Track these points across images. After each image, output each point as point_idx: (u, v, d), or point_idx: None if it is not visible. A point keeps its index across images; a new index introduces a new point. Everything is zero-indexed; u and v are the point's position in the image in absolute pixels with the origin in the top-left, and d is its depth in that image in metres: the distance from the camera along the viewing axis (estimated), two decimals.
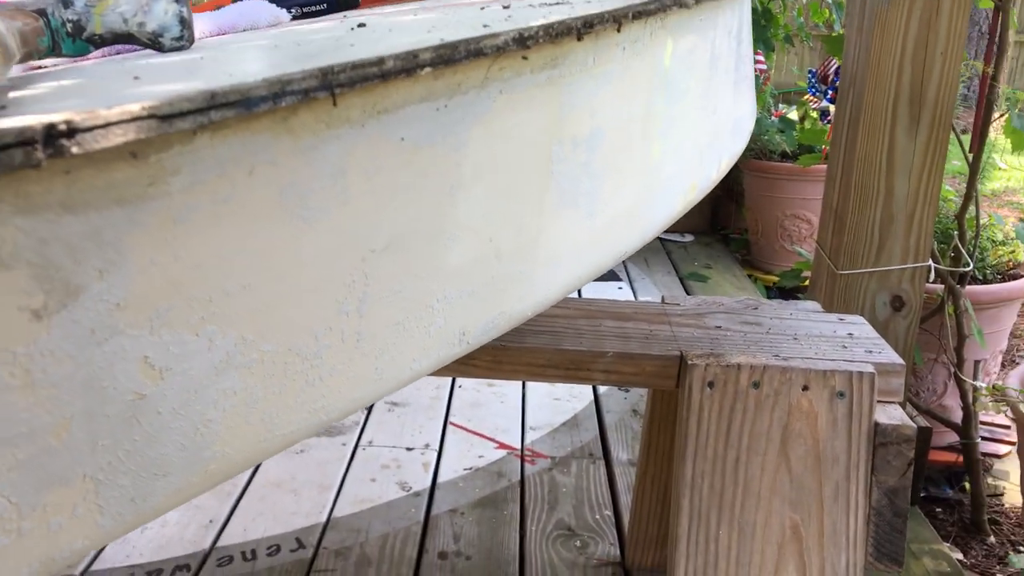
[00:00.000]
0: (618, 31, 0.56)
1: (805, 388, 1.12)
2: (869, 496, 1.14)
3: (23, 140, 0.27)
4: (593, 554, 1.64)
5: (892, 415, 1.15)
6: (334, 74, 0.36)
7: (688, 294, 2.93)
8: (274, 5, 0.98)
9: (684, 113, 0.80)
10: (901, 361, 1.20)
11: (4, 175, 0.27)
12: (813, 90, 3.03)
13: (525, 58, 0.47)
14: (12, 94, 0.32)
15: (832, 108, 3.00)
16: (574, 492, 1.82)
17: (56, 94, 0.32)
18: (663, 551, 1.59)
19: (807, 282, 2.49)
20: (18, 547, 0.32)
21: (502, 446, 2.03)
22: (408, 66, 0.39)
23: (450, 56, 0.41)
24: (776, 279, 3.08)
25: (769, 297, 3.02)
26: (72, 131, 0.29)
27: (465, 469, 1.94)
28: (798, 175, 2.94)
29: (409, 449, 2.01)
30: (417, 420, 2.14)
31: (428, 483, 1.87)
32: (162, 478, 0.37)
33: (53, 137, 0.28)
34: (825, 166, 2.84)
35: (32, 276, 0.31)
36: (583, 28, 0.50)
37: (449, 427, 2.11)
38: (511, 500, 1.80)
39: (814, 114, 3.09)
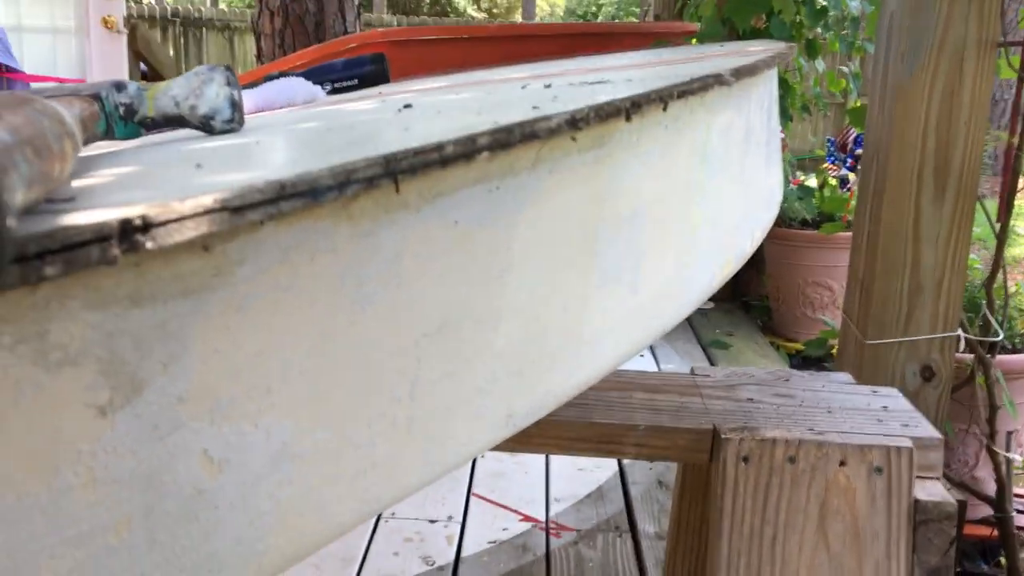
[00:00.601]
0: (664, 110, 0.56)
1: (842, 463, 1.09)
2: None
3: (99, 236, 0.27)
4: None
5: (932, 491, 1.12)
6: (397, 161, 0.36)
7: (710, 362, 2.90)
8: (309, 83, 1.00)
9: (721, 188, 0.80)
10: (939, 435, 1.17)
11: (77, 271, 0.27)
12: (832, 158, 3.05)
13: (574, 139, 0.47)
14: (76, 183, 0.32)
15: (851, 176, 3.01)
16: (600, 567, 1.79)
17: (121, 183, 0.32)
18: None
19: (833, 351, 2.47)
20: None
21: (526, 518, 2.00)
22: (467, 151, 0.39)
23: (506, 140, 0.41)
24: (799, 347, 3.06)
25: (792, 365, 2.99)
26: (147, 226, 0.29)
27: (489, 542, 1.90)
28: (819, 243, 2.94)
29: (432, 521, 1.98)
30: (440, 491, 2.11)
31: (452, 557, 1.84)
32: (216, 573, 0.36)
33: (128, 233, 0.28)
34: (846, 234, 2.84)
35: (99, 372, 0.30)
36: (631, 108, 0.51)
37: (472, 498, 2.08)
38: (536, 575, 1.76)
39: (833, 182, 3.10)
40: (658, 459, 1.20)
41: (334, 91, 1.28)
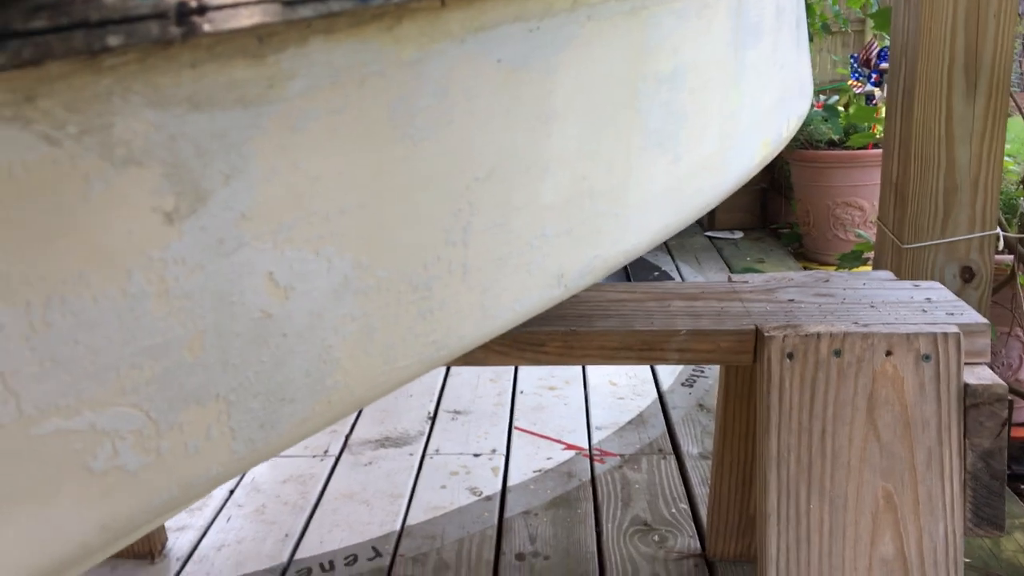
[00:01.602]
0: None
1: (889, 353, 1.09)
2: (964, 460, 1.11)
3: (158, 13, 0.27)
4: (673, 547, 1.61)
5: (981, 375, 1.11)
6: None
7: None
8: None
9: (756, 62, 0.79)
10: (985, 320, 1.16)
11: (136, 63, 0.27)
12: (856, 75, 2.99)
13: None
14: None
15: (876, 91, 2.96)
16: (647, 488, 1.79)
17: None
18: (745, 541, 1.56)
19: (868, 264, 2.44)
20: (159, 468, 0.31)
21: (569, 447, 2.01)
22: None
23: None
24: (831, 269, 3.03)
25: None
26: (203, 8, 0.28)
27: (534, 471, 1.92)
28: (847, 162, 2.90)
29: (476, 455, 1.99)
30: (481, 427, 2.13)
31: (499, 487, 1.86)
32: (288, 404, 0.36)
33: (185, 14, 0.28)
34: (874, 151, 2.80)
35: (164, 175, 0.30)
36: None
37: (514, 432, 2.10)
38: (584, 499, 1.78)
39: (858, 99, 3.05)
40: (701, 362, 1.19)
41: None
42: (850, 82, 2.97)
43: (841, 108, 3.10)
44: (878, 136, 2.75)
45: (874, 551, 1.11)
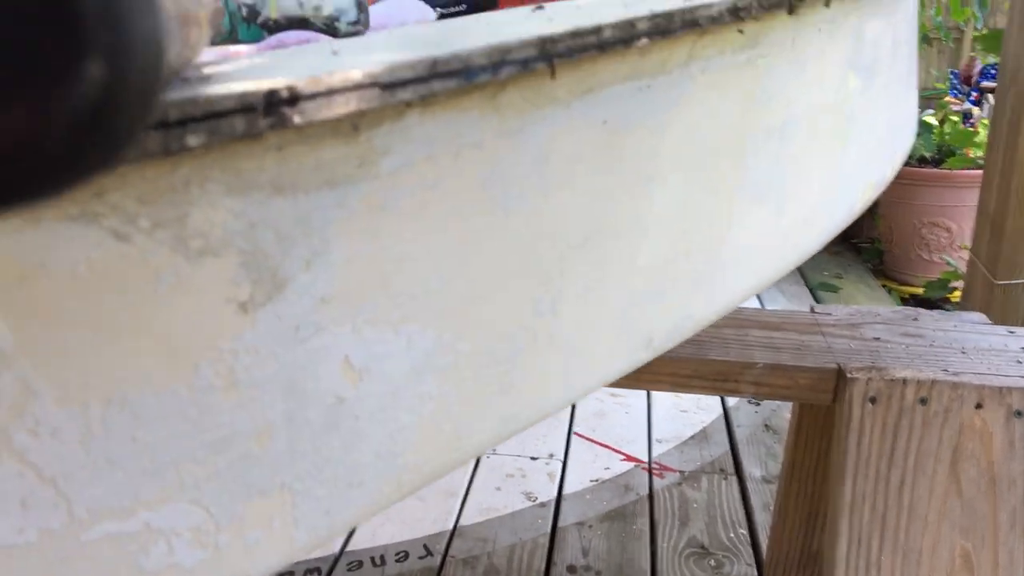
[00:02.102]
0: (826, 6, 0.50)
1: (978, 406, 1.03)
2: None
3: (245, 106, 0.24)
4: (729, 574, 1.57)
5: None
6: (552, 43, 0.33)
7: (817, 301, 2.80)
8: (422, 3, 0.96)
9: (868, 104, 0.74)
10: None
11: (217, 150, 0.25)
12: (955, 92, 2.87)
13: (741, 31, 0.42)
14: (209, 70, 0.30)
15: (975, 110, 2.84)
16: (706, 508, 1.75)
17: (256, 67, 0.29)
18: (803, 573, 1.51)
19: (954, 294, 2.35)
20: (215, 563, 0.29)
21: (629, 458, 1.97)
22: (625, 36, 0.35)
23: (666, 26, 0.37)
24: (913, 290, 2.92)
25: None
26: (294, 98, 0.26)
27: (591, 480, 1.89)
28: (938, 181, 2.79)
29: (534, 459, 1.97)
30: (540, 429, 2.10)
31: (554, 494, 1.83)
32: (356, 488, 0.34)
33: (274, 104, 0.25)
34: (968, 172, 2.68)
35: (241, 264, 0.28)
36: (795, 0, 0.45)
37: (573, 437, 2.07)
38: (640, 514, 1.74)
39: (955, 117, 2.92)
40: (777, 399, 1.15)
41: (442, 16, 1.24)
42: (947, 98, 2.85)
43: (936, 123, 2.98)
44: (974, 158, 2.63)
45: None
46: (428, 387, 0.36)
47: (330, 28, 0.52)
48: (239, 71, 0.27)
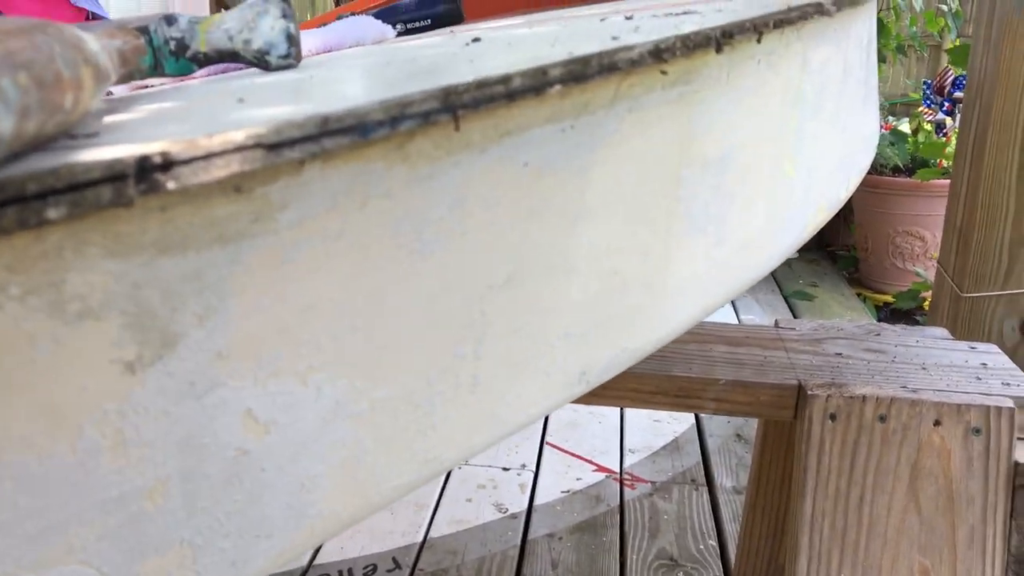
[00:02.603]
0: (758, 42, 0.50)
1: (937, 423, 1.03)
2: (1008, 542, 1.05)
3: (113, 175, 0.24)
4: None
5: None
6: (457, 94, 0.33)
7: (793, 313, 2.81)
8: (380, 21, 0.96)
9: (816, 131, 0.74)
10: None
11: (92, 215, 0.24)
12: (928, 102, 2.89)
13: (664, 72, 0.42)
14: (108, 119, 0.29)
15: (948, 121, 2.86)
16: (676, 520, 1.76)
17: (155, 119, 0.29)
18: None
19: (926, 303, 2.37)
20: None
21: (600, 468, 1.98)
22: (537, 84, 0.35)
23: (581, 72, 0.37)
24: (887, 298, 2.94)
25: (879, 318, 2.88)
26: (168, 164, 0.25)
27: (562, 492, 1.89)
28: (911, 190, 2.81)
29: (505, 469, 1.97)
30: (513, 439, 2.10)
31: (525, 505, 1.83)
32: (264, 539, 0.33)
33: (147, 171, 0.25)
34: (941, 181, 2.70)
35: (125, 326, 0.28)
36: (722, 39, 0.45)
37: (546, 447, 2.07)
38: (610, 526, 1.74)
39: (928, 127, 2.94)
40: (739, 415, 1.15)
41: (406, 32, 1.24)
42: (921, 108, 2.87)
43: (910, 133, 3.00)
44: (946, 168, 2.65)
45: None
46: (341, 435, 0.35)
47: (260, 61, 0.52)
48: (121, 131, 0.26)
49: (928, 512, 1.06)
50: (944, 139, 2.80)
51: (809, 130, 0.72)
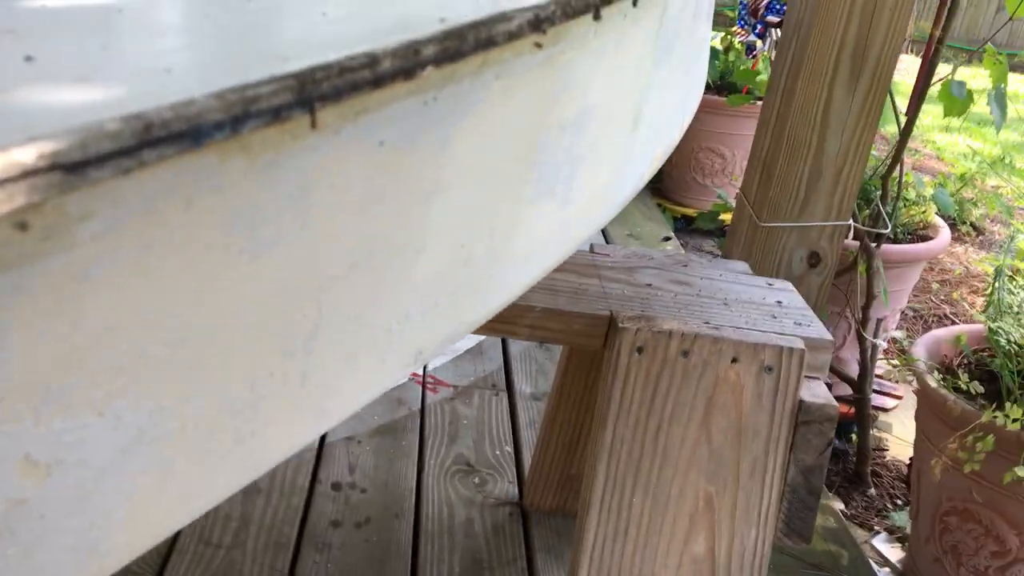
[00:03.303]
0: (635, 5, 0.46)
1: (734, 360, 1.08)
2: (785, 473, 1.13)
3: None
4: (491, 493, 1.61)
5: (817, 393, 1.12)
6: (315, 83, 0.26)
7: None
8: None
9: (665, 79, 0.72)
10: (830, 337, 1.17)
11: None
12: (742, 22, 2.95)
13: (539, 45, 0.38)
14: None
15: (759, 43, 2.94)
16: (475, 425, 1.78)
17: None
18: (563, 496, 1.57)
19: (726, 223, 2.48)
20: None
21: None
22: (407, 66, 0.29)
23: (457, 49, 0.31)
24: (686, 211, 3.06)
25: (676, 229, 3.00)
26: None
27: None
28: (716, 109, 2.89)
29: None
30: None
31: None
32: None
33: None
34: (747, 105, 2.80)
35: None
36: (602, 4, 0.41)
37: None
38: (410, 430, 1.74)
39: (739, 46, 3.02)
40: (552, 342, 1.15)
41: None
42: (734, 28, 2.94)
43: (721, 50, 3.07)
44: (752, 93, 2.74)
45: (687, 549, 1.13)
46: (143, 463, 0.30)
47: None
48: None
49: (718, 443, 1.11)
50: (752, 61, 2.89)
51: (658, 79, 0.69)
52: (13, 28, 0.28)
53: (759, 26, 2.92)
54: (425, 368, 1.94)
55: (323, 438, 1.68)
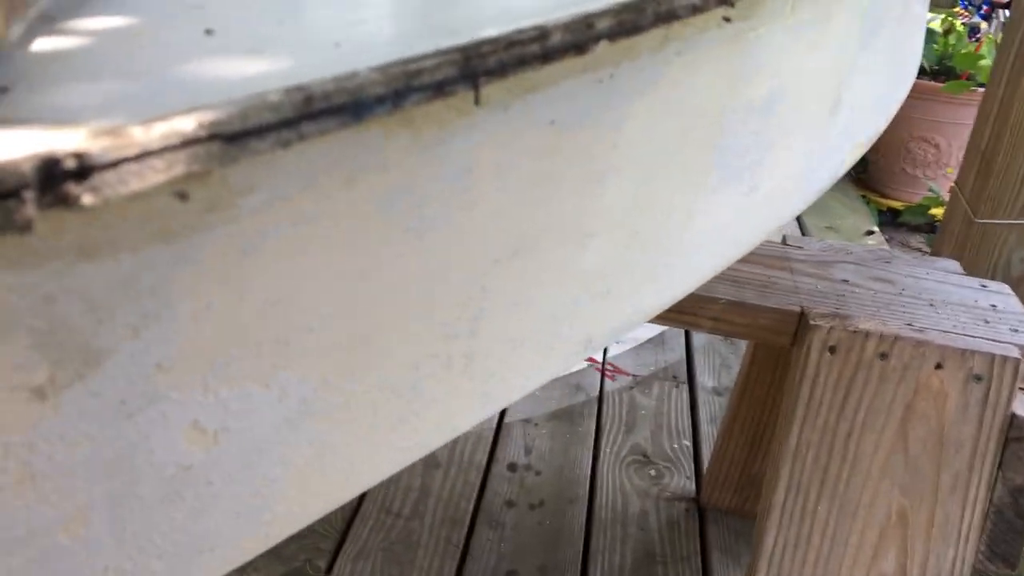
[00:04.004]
0: None
1: (938, 366, 1.00)
2: (991, 491, 1.03)
3: (4, 191, 0.18)
4: (667, 486, 1.57)
5: None
6: (481, 57, 0.26)
7: None
8: None
9: (869, 62, 0.66)
10: None
11: None
12: (964, 3, 2.73)
13: (727, 19, 0.35)
14: (33, 50, 0.23)
15: (983, 24, 2.71)
16: (654, 416, 1.75)
17: (87, 59, 0.22)
18: (742, 496, 1.52)
19: (937, 219, 2.31)
20: None
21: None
22: (580, 40, 0.28)
23: (634, 23, 0.30)
24: (892, 204, 2.87)
25: (881, 222, 2.82)
26: (85, 170, 0.19)
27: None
28: (931, 95, 2.69)
29: None
30: None
31: None
32: (207, 553, 0.29)
33: (55, 180, 0.19)
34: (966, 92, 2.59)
35: (32, 346, 0.22)
36: None
37: None
38: (587, 416, 1.74)
39: (961, 28, 2.80)
40: (737, 336, 1.11)
41: None
42: (957, 8, 2.72)
43: (940, 32, 2.85)
44: (973, 79, 2.54)
45: (875, 564, 1.06)
46: (306, 435, 0.30)
47: None
48: (39, 85, 0.20)
49: (915, 454, 1.04)
50: (975, 45, 2.67)
51: (863, 61, 0.64)
52: (202, 3, 0.29)
53: (984, 6, 2.69)
54: (605, 354, 1.93)
55: (501, 417, 1.70)
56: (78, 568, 0.26)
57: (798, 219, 2.68)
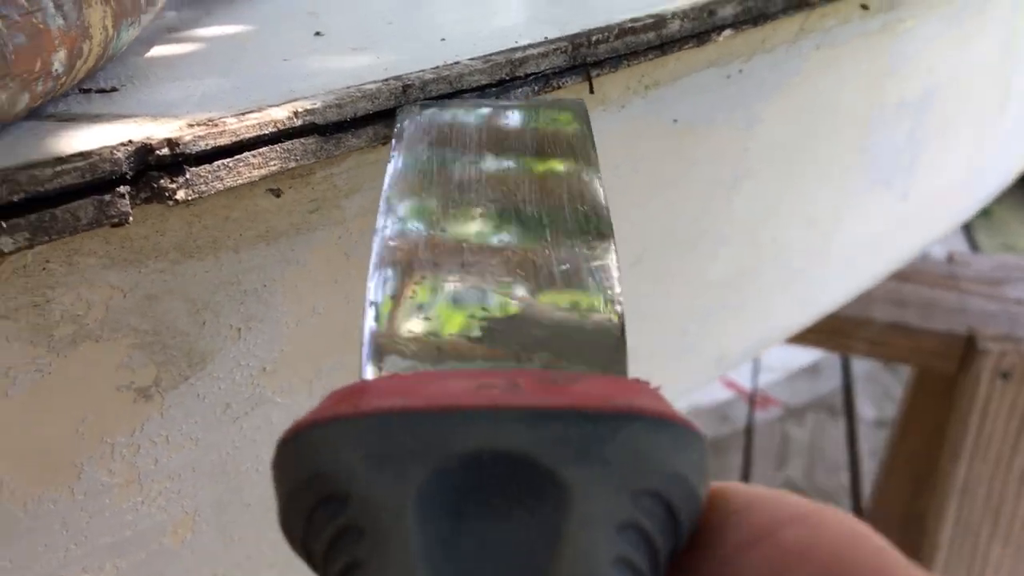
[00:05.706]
0: None
1: None
2: None
3: (96, 180, 0.17)
4: None
5: None
6: (591, 45, 0.24)
7: (966, 231, 2.57)
8: None
9: None
10: None
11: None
12: None
13: (865, 7, 0.33)
14: (147, 54, 0.23)
15: None
16: (808, 449, 1.66)
17: (200, 60, 0.22)
18: (907, 535, 1.41)
19: None
20: None
21: (731, 385, 1.88)
22: (700, 28, 0.26)
23: (761, 10, 0.28)
24: None
25: None
26: (180, 161, 0.19)
27: (687, 407, 1.81)
28: None
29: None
30: None
31: None
32: None
33: (146, 171, 0.18)
34: None
35: (137, 346, 0.22)
36: None
37: None
38: (735, 449, 1.67)
39: None
40: (895, 361, 1.04)
41: None
42: None
43: None
44: None
45: None
46: None
47: None
48: (147, 84, 0.20)
49: None
50: None
51: None
52: (316, 11, 0.29)
53: None
54: (755, 383, 1.86)
55: None
56: (186, 573, 0.26)
57: (967, 236, 2.51)
